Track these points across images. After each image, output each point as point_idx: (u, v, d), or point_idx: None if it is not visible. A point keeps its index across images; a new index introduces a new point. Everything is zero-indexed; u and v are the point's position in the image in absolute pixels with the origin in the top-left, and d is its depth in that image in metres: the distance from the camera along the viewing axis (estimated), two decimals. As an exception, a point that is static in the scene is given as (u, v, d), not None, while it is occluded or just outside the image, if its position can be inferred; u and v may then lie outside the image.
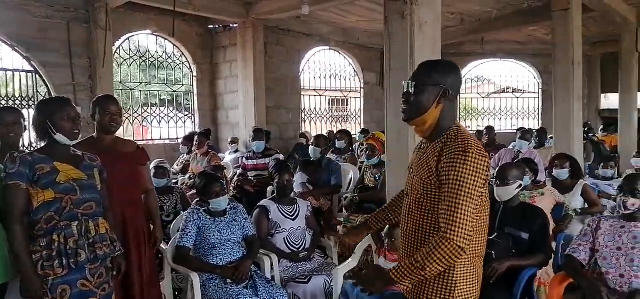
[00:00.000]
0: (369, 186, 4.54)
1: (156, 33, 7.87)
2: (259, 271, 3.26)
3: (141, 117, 8.01)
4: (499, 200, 3.07)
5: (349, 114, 10.91)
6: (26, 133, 3.06)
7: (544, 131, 7.27)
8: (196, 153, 6.01)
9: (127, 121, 7.73)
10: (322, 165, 4.82)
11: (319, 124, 10.09)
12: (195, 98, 8.60)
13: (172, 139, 8.22)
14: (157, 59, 8.13)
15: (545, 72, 12.05)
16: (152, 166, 4.17)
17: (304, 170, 4.78)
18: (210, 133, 6.51)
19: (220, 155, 6.99)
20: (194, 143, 6.05)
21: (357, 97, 10.81)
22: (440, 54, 3.43)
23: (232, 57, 8.32)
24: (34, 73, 6.35)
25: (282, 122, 9.00)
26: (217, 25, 8.41)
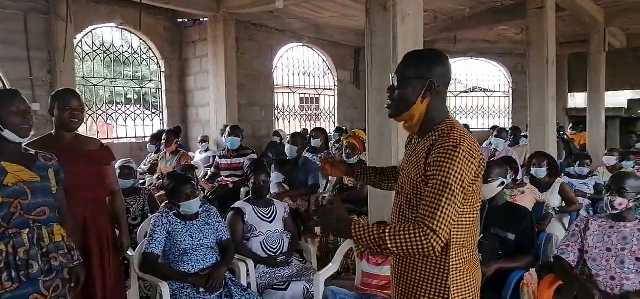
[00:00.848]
0: (349, 186, 4.40)
1: (121, 26, 7.51)
2: (234, 278, 3.06)
3: (105, 115, 7.63)
4: (482, 199, 2.96)
5: (320, 113, 10.80)
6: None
7: (518, 129, 7.32)
8: (165, 152, 5.72)
9: (91, 118, 7.38)
10: (299, 164, 4.66)
11: (292, 122, 9.94)
12: (163, 95, 8.28)
13: (139, 138, 7.89)
14: (123, 54, 7.77)
15: (515, 72, 12.26)
16: (117, 165, 3.90)
17: (279, 169, 4.59)
18: (180, 131, 6.23)
19: (190, 154, 6.71)
20: (162, 141, 5.77)
21: (330, 95, 10.72)
22: (422, 47, 3.31)
23: (202, 52, 8.05)
24: (-14, 67, 5.93)
25: (255, 119, 8.79)
26: (187, 19, 8.12)
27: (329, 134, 7.55)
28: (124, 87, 7.97)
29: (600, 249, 2.55)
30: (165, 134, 5.81)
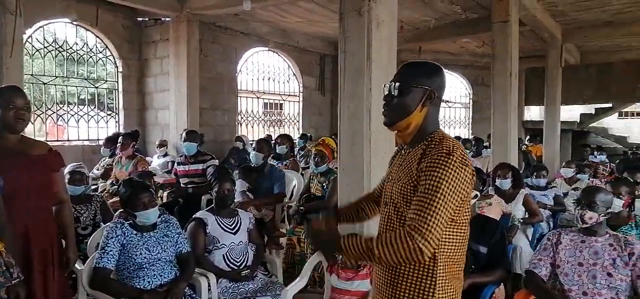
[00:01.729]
0: (316, 195, 4.26)
1: (76, 22, 7.09)
2: (194, 294, 2.85)
3: (56, 115, 7.17)
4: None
5: (284, 118, 10.65)
6: None
7: (480, 140, 7.42)
8: (120, 156, 5.40)
9: (40, 118, 6.91)
10: (264, 172, 4.48)
11: (255, 128, 9.75)
12: (120, 96, 7.89)
13: (92, 140, 7.48)
14: (77, 52, 7.34)
15: (475, 84, 12.54)
16: (67, 170, 3.60)
17: (244, 177, 4.40)
18: (138, 134, 5.91)
19: (147, 159, 6.39)
20: (118, 144, 5.44)
21: (294, 101, 10.59)
22: (396, 55, 3.24)
23: (163, 53, 7.74)
24: None
25: (217, 124, 8.53)
26: (147, 18, 7.78)
27: (294, 141, 7.41)
28: (77, 87, 7.54)
29: (572, 263, 2.54)
30: (121, 137, 5.48)
